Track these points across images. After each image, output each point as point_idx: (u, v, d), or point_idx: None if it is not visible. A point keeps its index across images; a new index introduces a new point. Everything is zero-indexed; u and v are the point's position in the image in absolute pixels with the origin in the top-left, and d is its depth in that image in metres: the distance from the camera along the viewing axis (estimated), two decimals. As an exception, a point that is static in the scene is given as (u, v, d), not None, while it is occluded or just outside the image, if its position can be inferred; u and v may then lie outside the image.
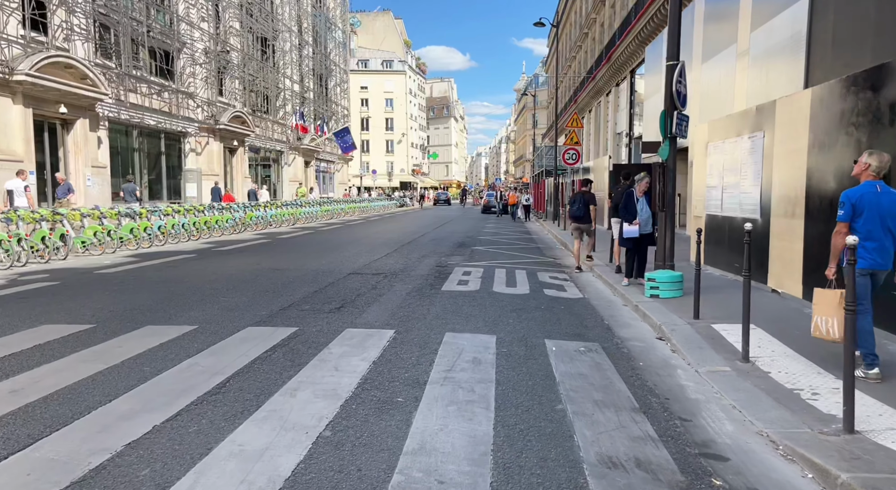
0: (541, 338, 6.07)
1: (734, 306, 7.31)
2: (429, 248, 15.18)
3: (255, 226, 21.58)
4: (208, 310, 7.05)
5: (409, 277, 9.94)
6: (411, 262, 12.12)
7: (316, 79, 45.75)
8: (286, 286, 8.87)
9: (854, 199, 4.58)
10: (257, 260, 12.14)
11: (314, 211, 28.08)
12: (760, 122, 8.31)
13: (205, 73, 28.23)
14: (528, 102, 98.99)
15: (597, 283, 10.08)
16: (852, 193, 4.62)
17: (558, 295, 8.66)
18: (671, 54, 8.48)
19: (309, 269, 10.66)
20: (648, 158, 22.21)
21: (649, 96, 22.53)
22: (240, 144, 32.08)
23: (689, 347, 5.65)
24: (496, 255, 13.87)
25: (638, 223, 9.10)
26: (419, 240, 17.58)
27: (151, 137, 25.14)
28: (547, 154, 44.99)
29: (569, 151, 20.80)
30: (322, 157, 47.87)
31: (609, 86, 31.18)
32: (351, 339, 5.77)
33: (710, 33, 16.39)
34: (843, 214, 4.59)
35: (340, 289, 8.71)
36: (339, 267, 11.09)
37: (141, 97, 23.51)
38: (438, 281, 9.63)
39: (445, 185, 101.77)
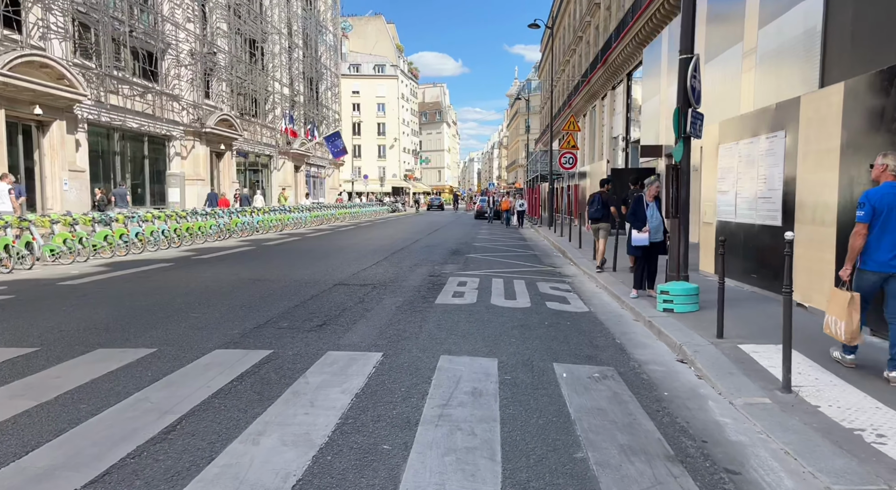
0: (548, 361, 5.36)
1: (759, 322, 6.65)
2: (421, 255, 14.45)
3: (240, 232, 20.78)
4: (173, 328, 6.29)
5: (399, 289, 9.21)
6: (402, 271, 11.39)
7: (306, 82, 45.04)
8: (265, 300, 8.11)
9: (875, 199, 4.55)
10: (237, 269, 11.36)
11: (303, 217, 27.29)
12: (781, 120, 7.66)
13: (191, 75, 27.45)
14: (521, 108, 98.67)
15: (602, 294, 9.38)
16: (873, 194, 4.59)
17: (562, 308, 7.96)
18: (685, 47, 7.83)
19: (292, 280, 9.90)
20: (647, 163, 21.63)
21: (647, 99, 21.96)
22: (227, 148, 31.27)
23: (717, 373, 4.95)
24: (492, 263, 13.16)
25: (648, 230, 8.43)
26: (411, 247, 16.86)
27: (134, 141, 24.32)
28: (541, 159, 44.43)
29: (566, 155, 20.17)
30: (312, 161, 47.08)
31: (604, 89, 30.63)
32: (332, 365, 5.03)
33: (714, 32, 15.81)
34: (864, 215, 4.58)
35: (324, 303, 7.97)
36: (324, 277, 10.34)
37: (123, 99, 22.71)
38: (432, 293, 8.90)
39: (438, 190, 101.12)
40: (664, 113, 19.68)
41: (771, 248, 7.95)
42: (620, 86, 27.83)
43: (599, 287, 9.99)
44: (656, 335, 6.55)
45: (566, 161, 20.21)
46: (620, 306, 8.28)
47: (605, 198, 11.49)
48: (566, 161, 20.21)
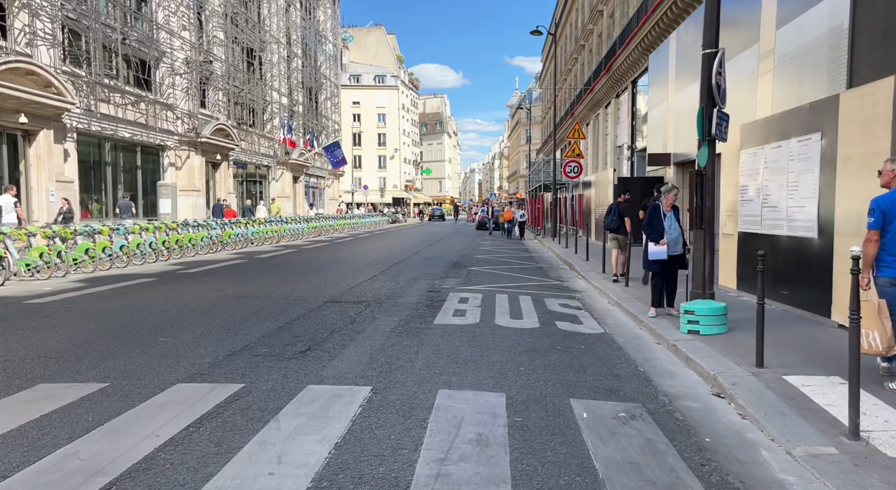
0: (564, 395, 4.61)
1: (801, 348, 5.88)
2: (420, 268, 13.72)
3: (234, 244, 20.07)
4: (136, 357, 5.54)
5: (395, 307, 8.46)
6: (400, 286, 10.65)
7: (305, 92, 44.55)
8: (247, 320, 7.37)
9: (885, 205, 4.54)
10: (224, 285, 10.62)
11: (300, 228, 26.59)
12: (816, 121, 6.95)
13: (186, 84, 26.88)
14: (522, 118, 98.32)
15: (616, 312, 8.63)
16: (882, 200, 4.58)
17: (574, 329, 7.20)
18: (708, 41, 7.13)
19: (279, 297, 9.16)
20: (654, 171, 20.94)
21: (653, 106, 21.32)
22: (223, 159, 30.65)
23: (765, 413, 4.20)
24: (495, 276, 12.42)
25: (666, 243, 7.69)
26: (410, 259, 16.12)
27: (127, 151, 23.68)
28: (543, 168, 43.80)
29: (570, 164, 19.47)
30: (312, 172, 46.49)
31: (608, 97, 30.03)
32: (311, 404, 4.28)
33: (727, 35, 15.10)
34: (874, 222, 4.57)
35: (311, 323, 7.22)
36: (315, 293, 9.60)
37: (114, 108, 22.10)
38: (430, 311, 8.16)
39: (439, 200, 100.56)
40: (672, 120, 19.03)
41: (805, 263, 7.21)
42: (625, 93, 27.22)
43: (612, 304, 9.24)
44: (684, 362, 5.79)
45: (571, 170, 19.51)
46: (638, 326, 7.53)
47: (621, 208, 11.46)
48: (571, 170, 19.51)
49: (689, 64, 17.47)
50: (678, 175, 18.86)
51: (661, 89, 20.26)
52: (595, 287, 10.98)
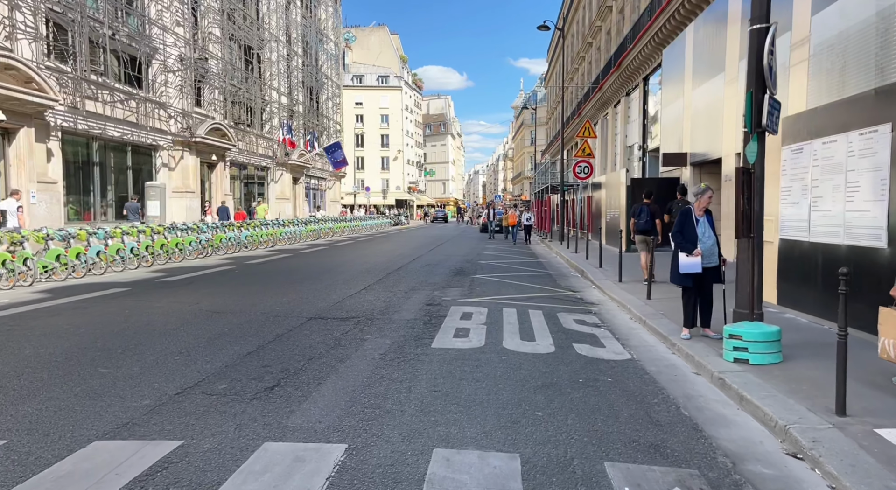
0: (596, 457, 3.55)
1: (880, 384, 4.71)
2: (420, 276, 12.67)
3: (226, 248, 19.07)
4: (59, 397, 4.50)
5: (389, 325, 7.41)
6: (396, 298, 9.59)
7: (306, 91, 43.60)
8: (212, 344, 6.32)
9: None
10: (200, 297, 9.58)
11: (297, 231, 25.59)
12: (882, 111, 5.87)
13: (179, 82, 25.92)
14: (527, 119, 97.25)
15: (640, 331, 7.55)
16: None
17: (596, 354, 6.14)
18: (758, 14, 6.06)
19: (259, 312, 8.12)
20: (669, 172, 19.84)
21: (668, 104, 20.23)
22: (219, 159, 29.69)
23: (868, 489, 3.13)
24: (501, 286, 11.36)
25: (699, 253, 6.60)
26: (410, 265, 15.07)
27: (116, 151, 22.71)
28: (549, 170, 42.72)
29: (580, 164, 18.42)
30: (312, 173, 45.52)
31: (618, 96, 28.95)
32: (262, 475, 3.23)
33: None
34: None
35: (287, 348, 6.17)
36: (300, 307, 8.56)
37: (103, 105, 21.13)
38: (428, 330, 7.10)
39: (442, 202, 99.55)
40: (688, 118, 17.94)
41: (869, 277, 6.12)
42: (636, 91, 26.14)
43: (635, 320, 8.16)
44: (737, 402, 4.71)
45: (581, 170, 18.45)
46: (669, 350, 6.46)
47: (652, 209, 11.42)
48: (581, 170, 18.45)
49: (708, 59, 16.39)
50: (695, 176, 17.78)
51: (675, 86, 19.18)
52: (612, 299, 9.91)
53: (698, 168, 17.74)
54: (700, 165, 17.62)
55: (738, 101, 14.16)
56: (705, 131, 16.64)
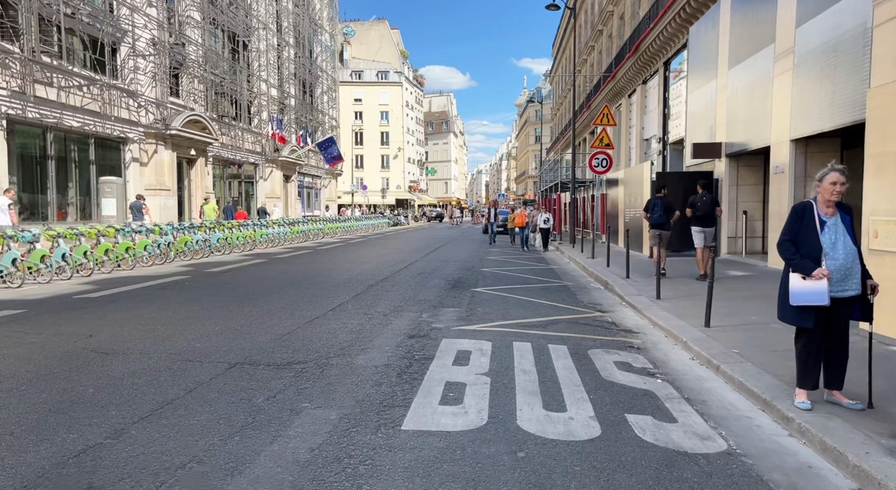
0: None
1: None
2: (408, 290, 10.28)
3: (194, 253, 16.71)
4: None
5: (345, 376, 5.02)
6: (370, 325, 7.20)
7: (299, 84, 41.24)
8: (42, 421, 3.94)
9: None
10: (101, 325, 7.12)
11: (280, 233, 23.20)
12: None
13: (152, 69, 23.58)
14: (531, 117, 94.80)
15: (715, 382, 5.14)
16: None
17: (668, 439, 3.75)
18: None
19: (163, 354, 5.72)
20: (698, 165, 17.39)
21: (696, 89, 17.79)
22: (200, 154, 27.35)
23: None
24: (508, 304, 8.97)
25: (827, 275, 4.13)
26: (400, 274, 12.69)
27: (78, 143, 20.40)
28: (554, 167, 40.28)
29: (598, 156, 16.02)
30: (306, 171, 43.19)
31: (633, 84, 26.51)
32: None
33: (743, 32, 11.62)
34: None
35: (158, 433, 3.78)
36: (230, 342, 6.18)
37: (59, 92, 18.82)
38: (403, 387, 4.72)
39: (444, 202, 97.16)
40: (724, 102, 15.49)
41: None
42: (654, 78, 23.70)
43: (699, 361, 5.76)
44: None
45: (598, 163, 16.05)
46: (783, 429, 4.05)
47: (666, 202, 11.20)
48: (598, 163, 16.05)
49: (750, 31, 13.96)
50: (731, 169, 15.35)
51: (706, 67, 16.74)
52: (655, 324, 7.51)
53: (735, 160, 15.32)
54: (738, 157, 15.20)
55: (796, 76, 11.79)
56: (746, 117, 14.20)
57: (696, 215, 10.81)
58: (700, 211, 10.76)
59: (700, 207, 10.78)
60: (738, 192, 15.27)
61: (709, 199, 10.92)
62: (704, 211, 10.73)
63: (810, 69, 11.24)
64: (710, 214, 10.79)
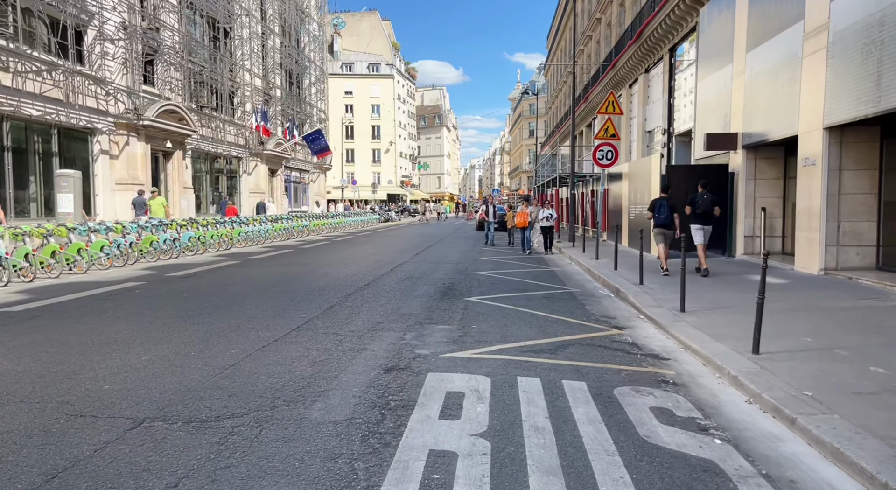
0: None
1: None
2: (392, 300, 8.90)
3: (159, 254, 15.23)
4: None
5: (289, 445, 3.64)
6: (337, 354, 5.81)
7: (285, 75, 39.62)
8: None
9: None
10: None
11: (260, 231, 21.73)
12: None
13: (123, 54, 22.00)
14: (525, 111, 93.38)
15: (795, 444, 3.79)
16: None
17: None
18: None
19: (50, 401, 4.28)
20: (709, 158, 16.08)
21: (706, 75, 16.46)
22: (177, 147, 25.79)
23: None
24: (507, 317, 7.61)
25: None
26: (384, 279, 11.30)
27: (38, 133, 18.84)
28: (551, 161, 38.93)
29: (602, 148, 14.66)
30: (293, 165, 41.62)
31: (635, 73, 25.17)
32: None
33: None
34: None
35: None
36: (148, 383, 4.77)
37: (14, 77, 17.26)
38: (366, 464, 3.35)
39: (437, 197, 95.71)
40: (741, 88, 14.15)
41: None
42: (658, 66, 22.36)
43: (760, 406, 4.41)
44: None
45: (603, 156, 14.69)
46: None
47: (671, 204, 11.23)
48: (603, 156, 14.69)
49: (773, 9, 12.60)
50: (748, 162, 14.03)
51: (719, 51, 15.41)
52: (686, 346, 6.18)
53: (753, 152, 14.00)
54: (756, 148, 13.88)
55: (830, 56, 10.43)
56: (768, 104, 12.88)
57: (696, 213, 11.21)
58: (700, 209, 11.17)
59: (700, 205, 11.18)
60: (756, 186, 13.96)
61: (709, 197, 11.20)
62: (705, 209, 11.15)
63: (848, 47, 9.91)
64: (710, 212, 11.19)
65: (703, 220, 11.16)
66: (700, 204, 11.20)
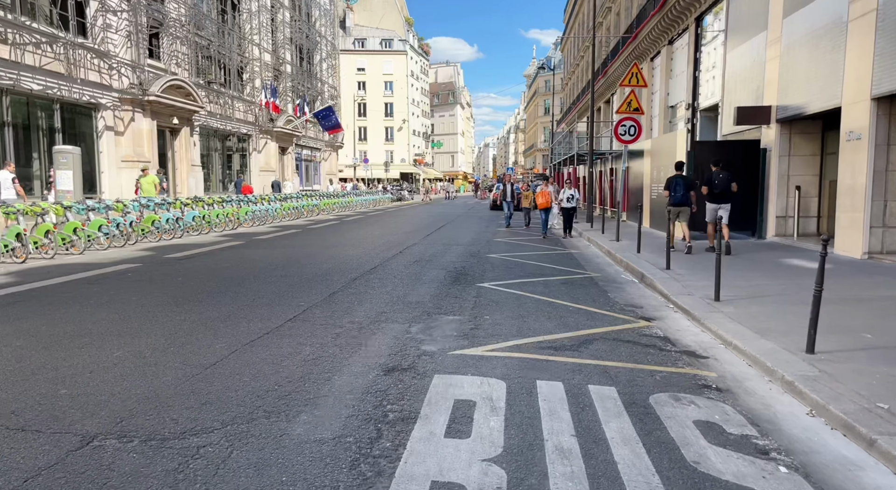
0: None
1: None
2: (399, 286, 8.26)
3: (162, 233, 14.70)
4: None
5: (262, 474, 3.02)
6: (333, 350, 5.20)
7: (295, 50, 38.74)
8: None
9: None
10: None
11: (269, 210, 21.17)
12: None
13: (126, 27, 21.32)
14: (540, 87, 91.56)
15: (877, 474, 3.11)
16: None
17: None
18: None
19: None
20: (738, 133, 15.16)
21: (737, 45, 15.46)
22: (183, 124, 25.19)
23: None
24: (523, 306, 6.94)
25: None
26: (392, 262, 10.67)
27: (40, 109, 18.31)
28: (567, 139, 37.87)
29: (625, 122, 13.79)
30: (304, 143, 40.94)
31: (657, 45, 24.01)
32: None
33: None
34: None
35: None
36: (112, 387, 4.18)
37: (12, 49, 16.67)
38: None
39: (451, 176, 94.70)
40: (777, 56, 13.18)
41: None
42: (683, 37, 21.23)
43: (826, 420, 3.72)
44: None
45: (625, 131, 13.83)
46: None
47: (687, 181, 11.32)
48: (625, 131, 13.83)
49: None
50: (782, 137, 13.11)
51: (752, 17, 14.39)
52: (726, 341, 5.48)
53: (788, 126, 13.07)
54: (791, 122, 12.95)
55: (880, 20, 9.44)
56: (807, 74, 11.92)
57: (713, 193, 11.07)
58: (718, 188, 11.07)
59: (718, 185, 11.08)
60: (791, 163, 13.06)
61: (726, 176, 11.07)
62: (722, 188, 11.06)
63: (904, 9, 8.95)
64: (728, 191, 11.08)
65: (720, 200, 11.04)
66: (717, 183, 11.09)
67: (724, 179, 11.05)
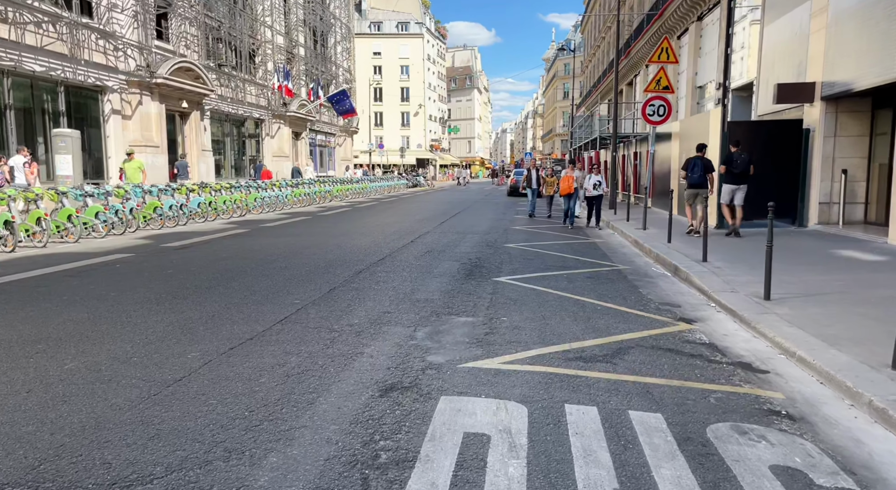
0: None
1: None
2: (407, 280, 7.49)
3: (164, 220, 14.09)
4: None
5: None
6: (323, 361, 4.45)
7: (309, 33, 37.88)
8: None
9: None
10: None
11: (279, 196, 20.51)
12: None
13: (133, 7, 20.64)
14: (559, 71, 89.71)
15: None
16: None
17: None
18: None
19: None
20: (777, 113, 14.09)
21: (775, 18, 14.33)
22: (193, 107, 24.56)
23: None
24: (546, 305, 6.14)
25: None
26: (402, 253, 9.90)
27: (44, 91, 17.75)
28: (588, 123, 36.66)
29: (653, 102, 12.80)
30: (318, 128, 40.19)
31: (685, 22, 22.80)
32: None
33: None
34: None
35: None
36: (47, 412, 3.47)
37: (12, 29, 16.07)
38: None
39: (468, 162, 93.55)
40: (821, 29, 12.09)
41: None
42: (713, 12, 20.04)
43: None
44: None
45: (654, 112, 12.85)
46: None
47: (705, 163, 11.13)
48: (654, 112, 12.85)
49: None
50: (828, 115, 12.05)
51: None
52: (788, 351, 4.62)
53: (833, 104, 11.99)
54: (836, 100, 11.88)
55: None
56: (857, 46, 10.85)
57: (732, 173, 10.92)
58: (738, 169, 10.91)
59: (738, 165, 10.92)
60: (836, 145, 12.01)
61: (746, 156, 10.90)
62: (742, 169, 10.89)
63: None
64: (746, 172, 10.91)
65: (739, 180, 10.93)
66: (738, 163, 10.93)
67: (745, 160, 10.87)
